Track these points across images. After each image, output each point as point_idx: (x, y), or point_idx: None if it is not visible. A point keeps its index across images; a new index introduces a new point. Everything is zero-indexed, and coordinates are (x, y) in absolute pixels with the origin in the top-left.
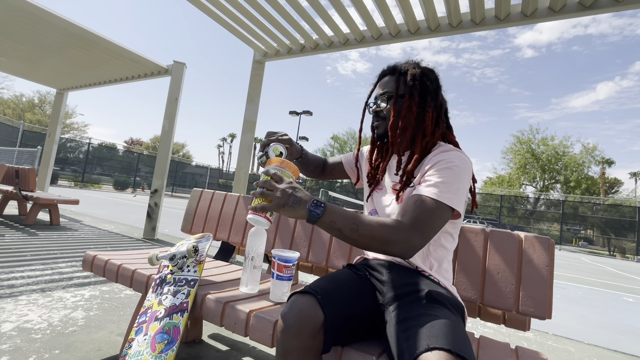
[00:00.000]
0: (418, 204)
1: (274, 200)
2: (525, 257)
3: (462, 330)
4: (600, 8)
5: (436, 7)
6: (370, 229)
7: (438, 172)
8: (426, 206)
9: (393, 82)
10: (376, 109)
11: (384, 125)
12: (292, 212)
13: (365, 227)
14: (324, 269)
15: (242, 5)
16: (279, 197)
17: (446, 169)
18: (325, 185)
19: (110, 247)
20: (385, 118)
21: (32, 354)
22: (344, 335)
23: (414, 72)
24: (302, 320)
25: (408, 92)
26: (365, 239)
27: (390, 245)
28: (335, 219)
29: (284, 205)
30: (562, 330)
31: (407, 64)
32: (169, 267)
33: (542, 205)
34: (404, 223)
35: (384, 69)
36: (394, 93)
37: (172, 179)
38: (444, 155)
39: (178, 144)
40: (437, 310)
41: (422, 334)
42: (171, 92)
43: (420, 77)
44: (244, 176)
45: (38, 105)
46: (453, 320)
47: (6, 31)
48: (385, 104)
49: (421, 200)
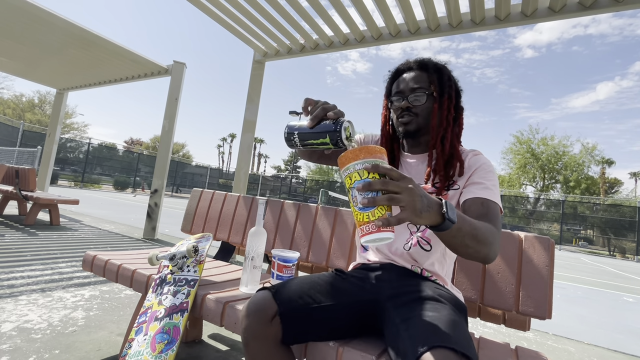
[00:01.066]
0: (490, 209)
1: (408, 206)
2: (525, 257)
3: (464, 329)
4: (600, 8)
5: (436, 7)
6: (485, 232)
7: (486, 175)
8: (496, 210)
9: (427, 78)
10: (409, 105)
11: (417, 122)
12: (427, 218)
13: (482, 230)
14: (324, 269)
15: (242, 5)
16: (412, 200)
17: (490, 172)
18: (325, 185)
19: (110, 247)
20: (418, 115)
21: (32, 354)
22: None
23: (449, 72)
24: (258, 309)
25: (447, 92)
26: (479, 246)
27: (493, 249)
28: (463, 225)
29: (421, 211)
30: (562, 330)
31: (435, 61)
32: (169, 267)
33: (542, 205)
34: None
35: (408, 61)
36: (433, 91)
37: (172, 179)
38: (481, 159)
39: (178, 144)
40: (439, 309)
41: (425, 332)
42: (171, 92)
43: (453, 77)
44: (244, 176)
45: (38, 105)
46: (455, 320)
47: (6, 31)
48: (424, 100)
49: (489, 204)
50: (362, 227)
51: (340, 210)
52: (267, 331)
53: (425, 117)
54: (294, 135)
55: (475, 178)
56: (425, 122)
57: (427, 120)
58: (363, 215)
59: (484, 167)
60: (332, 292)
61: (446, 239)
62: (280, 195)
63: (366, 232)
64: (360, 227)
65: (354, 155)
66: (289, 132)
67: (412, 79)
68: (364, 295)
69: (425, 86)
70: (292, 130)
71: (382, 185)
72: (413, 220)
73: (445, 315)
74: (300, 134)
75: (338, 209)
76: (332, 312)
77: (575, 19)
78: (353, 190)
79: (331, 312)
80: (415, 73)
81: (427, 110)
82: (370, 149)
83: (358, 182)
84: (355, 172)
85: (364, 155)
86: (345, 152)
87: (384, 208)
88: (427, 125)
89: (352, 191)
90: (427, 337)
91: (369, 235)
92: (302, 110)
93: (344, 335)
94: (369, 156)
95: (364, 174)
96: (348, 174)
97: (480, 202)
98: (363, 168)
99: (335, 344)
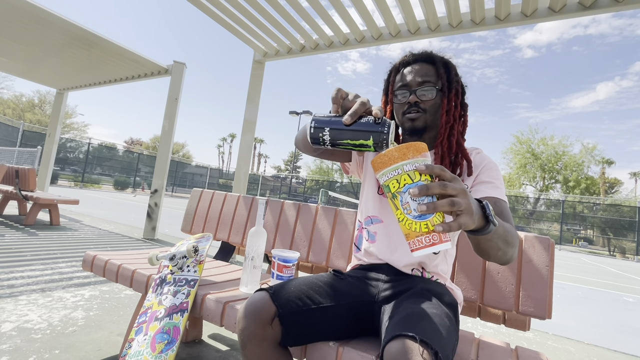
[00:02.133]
0: (504, 208)
1: (466, 210)
2: (525, 257)
3: (441, 320)
4: (600, 8)
5: (436, 7)
6: (513, 234)
7: (493, 173)
8: (508, 209)
9: (435, 72)
10: (417, 99)
11: (425, 119)
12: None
13: (511, 232)
14: (324, 269)
15: (242, 5)
16: (469, 203)
17: (496, 170)
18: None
19: (110, 247)
20: (426, 110)
21: (32, 354)
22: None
23: (455, 66)
24: (257, 311)
25: (455, 87)
26: (507, 248)
27: (516, 251)
28: (499, 227)
29: (475, 215)
30: (562, 330)
31: (442, 54)
32: (169, 267)
33: (542, 205)
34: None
35: (412, 53)
36: (441, 86)
37: (172, 179)
38: (485, 157)
39: (178, 144)
40: (421, 302)
41: (396, 325)
42: (171, 92)
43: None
44: (244, 176)
45: (38, 105)
46: (435, 312)
47: (7, 31)
48: (433, 95)
49: (502, 203)
50: (418, 239)
51: (340, 210)
52: (265, 333)
53: (434, 113)
54: (324, 132)
55: (484, 177)
56: (432, 119)
57: (435, 117)
58: (421, 224)
59: (489, 165)
60: (331, 293)
61: (482, 242)
62: (280, 195)
63: (425, 244)
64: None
65: (401, 154)
66: (317, 126)
67: (419, 71)
68: (362, 296)
69: (434, 80)
70: (321, 125)
71: (441, 188)
72: (470, 225)
73: (424, 308)
74: (333, 131)
75: (338, 209)
76: (331, 313)
77: (575, 19)
78: (403, 195)
79: (330, 313)
80: (421, 65)
81: (436, 106)
82: (418, 147)
83: (409, 186)
84: (404, 174)
85: (413, 153)
86: (387, 150)
87: (442, 214)
88: (434, 122)
89: (401, 196)
90: (396, 329)
91: (428, 248)
92: (333, 101)
93: (343, 336)
94: (417, 155)
95: (416, 176)
96: (394, 176)
97: (494, 201)
98: (414, 169)
99: (335, 344)
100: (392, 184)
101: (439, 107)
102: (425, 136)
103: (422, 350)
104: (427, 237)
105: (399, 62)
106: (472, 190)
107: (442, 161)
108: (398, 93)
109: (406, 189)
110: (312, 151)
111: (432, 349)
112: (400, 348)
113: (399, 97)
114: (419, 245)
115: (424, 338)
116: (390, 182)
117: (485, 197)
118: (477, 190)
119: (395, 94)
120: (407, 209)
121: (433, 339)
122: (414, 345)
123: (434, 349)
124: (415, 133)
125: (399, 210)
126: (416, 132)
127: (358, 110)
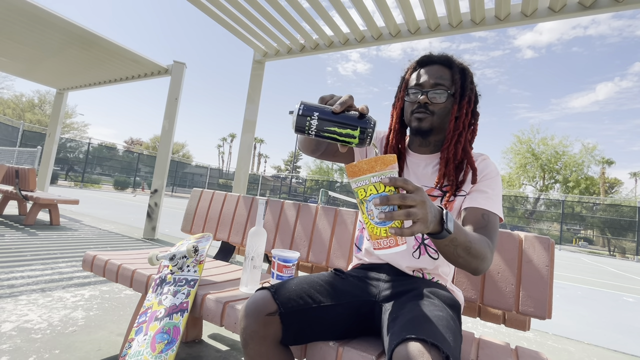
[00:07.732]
0: (490, 221)
1: (421, 219)
2: (525, 257)
3: (448, 323)
4: (600, 8)
5: (436, 7)
6: (478, 247)
7: (491, 182)
8: (495, 223)
9: (450, 76)
10: (427, 100)
11: (431, 121)
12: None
13: (476, 245)
14: (324, 269)
15: (242, 5)
16: (425, 213)
17: (496, 179)
18: (325, 185)
19: (110, 247)
20: (434, 113)
21: (32, 354)
22: (309, 327)
23: (472, 74)
24: (258, 310)
25: (468, 94)
26: (470, 258)
27: (484, 263)
28: (459, 236)
29: (430, 223)
30: (562, 330)
31: (460, 59)
32: (169, 267)
33: (542, 205)
34: (489, 241)
35: (431, 54)
36: (454, 91)
37: (172, 179)
38: (489, 165)
39: (178, 144)
40: (427, 305)
41: (403, 328)
42: (171, 92)
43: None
44: (244, 176)
45: (38, 105)
46: (440, 315)
47: (7, 31)
48: (444, 99)
49: (489, 216)
50: (378, 241)
51: (340, 210)
52: (266, 331)
53: (442, 117)
54: (312, 117)
55: (481, 186)
56: (440, 123)
57: (443, 121)
58: (380, 230)
59: (491, 174)
60: (332, 292)
61: (440, 246)
62: (280, 195)
63: (384, 246)
64: (376, 241)
65: (370, 166)
66: (306, 111)
67: (434, 73)
68: (363, 296)
69: (447, 84)
70: (309, 111)
71: (400, 200)
72: (423, 232)
73: (430, 310)
74: (321, 117)
75: (338, 209)
76: (331, 312)
77: (575, 20)
78: (368, 203)
79: (331, 312)
80: (438, 68)
81: (445, 110)
82: (386, 160)
83: (374, 196)
84: (371, 185)
85: (380, 167)
86: (358, 162)
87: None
88: (441, 126)
89: (366, 204)
90: (404, 332)
91: (387, 250)
92: (321, 100)
93: (343, 336)
94: (384, 168)
95: (380, 187)
96: (362, 185)
97: (481, 213)
98: (379, 181)
99: (335, 344)
100: (360, 192)
101: (448, 112)
102: (431, 138)
103: (433, 354)
104: (386, 240)
105: (417, 60)
106: (467, 197)
107: (447, 166)
108: (411, 92)
109: (371, 198)
110: (312, 151)
111: (444, 353)
112: (410, 351)
113: (410, 96)
114: (379, 246)
115: (434, 342)
116: (359, 190)
117: (475, 208)
118: (470, 197)
119: (408, 92)
120: (371, 215)
121: (444, 342)
122: (424, 349)
123: (445, 352)
124: (420, 134)
125: (364, 215)
126: (421, 133)
127: (347, 101)
